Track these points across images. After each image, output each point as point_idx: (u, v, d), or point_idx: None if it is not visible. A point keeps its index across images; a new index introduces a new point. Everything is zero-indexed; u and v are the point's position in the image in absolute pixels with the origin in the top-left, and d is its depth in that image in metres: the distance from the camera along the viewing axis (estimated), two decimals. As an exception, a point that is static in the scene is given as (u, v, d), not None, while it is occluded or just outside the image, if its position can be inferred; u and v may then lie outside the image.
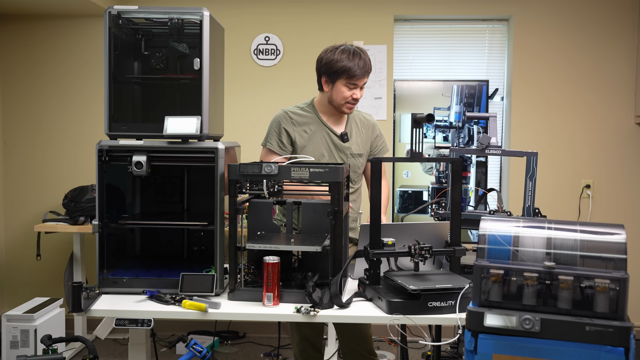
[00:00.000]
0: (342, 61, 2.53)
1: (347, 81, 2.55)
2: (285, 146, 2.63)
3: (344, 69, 2.53)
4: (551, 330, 1.51)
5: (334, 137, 2.67)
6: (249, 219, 2.19)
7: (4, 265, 4.31)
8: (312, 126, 2.66)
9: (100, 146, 2.13)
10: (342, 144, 2.67)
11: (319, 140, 2.65)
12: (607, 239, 1.60)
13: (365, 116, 2.80)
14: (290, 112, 2.67)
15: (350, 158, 2.69)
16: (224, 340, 4.11)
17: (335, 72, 2.55)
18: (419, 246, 2.01)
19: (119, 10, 2.18)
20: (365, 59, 2.57)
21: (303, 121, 2.66)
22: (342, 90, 2.57)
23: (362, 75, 2.56)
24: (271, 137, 2.65)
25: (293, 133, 2.63)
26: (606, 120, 4.16)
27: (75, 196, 3.78)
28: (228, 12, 4.14)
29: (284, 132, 2.63)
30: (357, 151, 2.70)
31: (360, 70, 2.54)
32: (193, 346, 2.20)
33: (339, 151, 2.67)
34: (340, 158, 2.67)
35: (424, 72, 4.33)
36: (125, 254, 2.40)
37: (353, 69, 2.53)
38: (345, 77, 2.55)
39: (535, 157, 2.37)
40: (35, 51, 4.23)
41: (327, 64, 2.57)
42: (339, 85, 2.57)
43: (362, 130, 2.74)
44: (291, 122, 2.64)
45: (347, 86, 2.57)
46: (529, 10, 4.14)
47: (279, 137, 2.63)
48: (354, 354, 2.68)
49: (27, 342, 3.14)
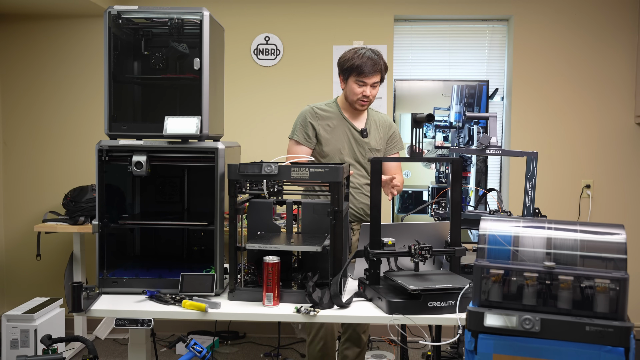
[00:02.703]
0: (353, 59, 2.75)
1: (356, 78, 2.75)
2: (310, 138, 2.83)
3: (353, 66, 2.74)
4: (551, 330, 1.51)
5: (355, 132, 2.86)
6: (249, 219, 2.19)
7: (4, 265, 4.31)
8: (335, 121, 2.86)
9: (100, 146, 2.13)
10: (361, 139, 2.86)
11: (340, 134, 2.85)
12: (607, 239, 1.60)
13: (383, 117, 3.00)
14: (316, 108, 2.88)
15: (369, 152, 2.87)
16: (224, 340, 4.10)
17: (346, 70, 2.78)
18: (419, 246, 2.01)
19: (119, 10, 2.18)
20: (375, 58, 2.74)
21: (327, 116, 2.86)
22: (353, 87, 2.78)
23: (371, 73, 2.73)
24: (297, 130, 2.86)
25: (317, 127, 2.83)
26: (606, 120, 4.16)
27: (75, 196, 3.78)
28: (228, 12, 4.14)
29: (310, 125, 2.83)
30: (375, 146, 2.89)
31: (368, 68, 2.72)
32: (193, 346, 2.20)
33: (359, 145, 2.86)
34: (359, 152, 2.86)
35: (424, 72, 4.33)
36: (125, 254, 2.40)
37: (361, 66, 2.72)
38: (354, 74, 2.75)
39: (535, 157, 2.37)
40: (35, 51, 4.22)
41: (341, 63, 2.81)
42: (350, 83, 2.78)
43: (380, 128, 2.93)
44: (316, 117, 2.85)
45: (357, 83, 2.76)
46: (529, 10, 4.14)
47: (304, 130, 2.84)
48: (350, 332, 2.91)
49: (27, 342, 3.13)
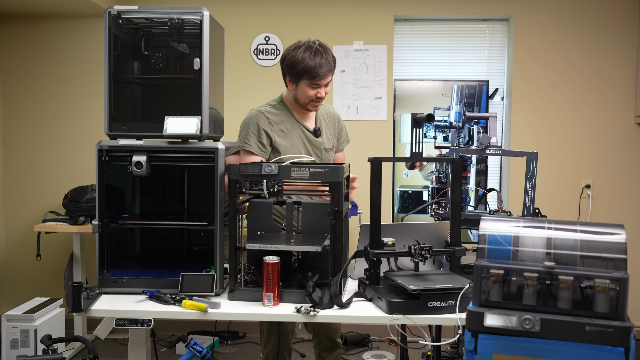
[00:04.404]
0: (304, 61, 2.48)
1: (309, 81, 2.51)
2: (265, 147, 2.56)
3: (306, 69, 2.48)
4: (551, 330, 1.51)
5: (308, 134, 2.66)
6: (249, 219, 2.19)
7: (4, 265, 4.31)
8: (288, 124, 2.62)
9: (100, 146, 2.13)
10: (316, 140, 2.67)
11: (295, 138, 2.63)
12: (607, 239, 1.60)
13: (329, 109, 2.79)
14: (266, 112, 2.59)
15: (324, 152, 2.70)
16: (224, 340, 4.10)
17: (297, 73, 2.51)
18: (419, 246, 2.01)
19: (119, 10, 2.18)
20: (327, 57, 2.52)
21: (279, 120, 2.60)
22: (305, 90, 2.54)
23: (325, 75, 2.51)
24: (249, 138, 2.55)
25: (272, 133, 2.57)
26: (606, 120, 4.16)
27: (75, 196, 3.78)
28: (228, 12, 4.14)
29: (263, 132, 2.55)
30: (328, 145, 2.72)
31: (322, 70, 2.49)
32: (193, 346, 2.20)
33: (314, 147, 2.67)
34: (315, 154, 2.67)
35: (424, 72, 4.33)
36: (125, 254, 2.40)
37: (315, 69, 2.48)
38: (307, 77, 2.50)
39: (535, 157, 2.37)
40: (35, 51, 4.22)
41: (290, 64, 2.53)
42: (302, 86, 2.54)
43: (330, 124, 2.76)
44: (268, 122, 2.57)
45: (311, 86, 2.53)
46: (529, 10, 4.14)
47: (258, 138, 2.55)
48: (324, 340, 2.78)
49: (27, 342, 3.13)
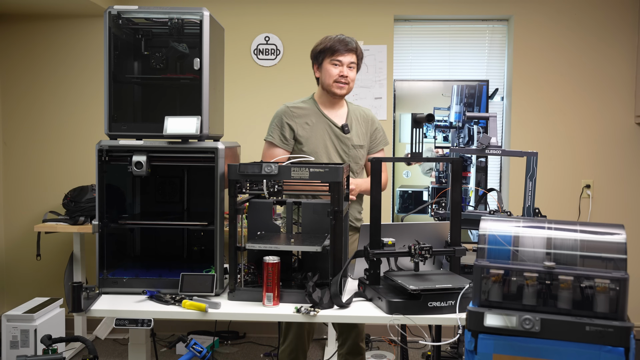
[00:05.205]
0: (325, 41, 2.69)
1: (330, 59, 2.67)
2: (287, 140, 2.70)
3: (326, 47, 2.67)
4: (551, 330, 1.51)
5: (335, 129, 2.73)
6: (249, 219, 2.19)
7: (4, 265, 4.31)
8: (313, 118, 2.72)
9: (100, 146, 2.13)
10: (343, 135, 2.73)
11: (321, 132, 2.71)
12: (607, 239, 1.60)
13: (364, 110, 2.86)
14: (291, 106, 2.75)
15: (352, 149, 2.75)
16: (224, 340, 4.10)
17: (319, 53, 2.71)
18: (419, 246, 2.01)
19: (119, 10, 2.18)
20: (349, 39, 2.68)
21: (304, 113, 2.73)
22: (328, 69, 2.68)
23: (344, 51, 2.66)
24: (273, 131, 2.72)
25: (295, 126, 2.70)
26: (606, 120, 4.16)
27: (75, 196, 3.78)
28: (228, 12, 4.14)
29: (286, 125, 2.69)
30: (357, 142, 2.77)
31: (341, 46, 2.65)
32: (193, 346, 2.20)
33: (341, 142, 2.73)
34: (342, 149, 2.74)
35: (424, 72, 4.33)
36: (125, 254, 2.40)
37: (334, 45, 2.65)
38: (328, 54, 2.67)
39: (535, 157, 2.37)
40: (35, 51, 4.22)
41: (314, 50, 2.74)
42: (325, 65, 2.69)
43: (362, 123, 2.81)
44: (292, 116, 2.71)
45: (333, 64, 2.67)
46: (529, 10, 4.14)
47: (280, 131, 2.70)
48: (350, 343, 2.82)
49: (27, 342, 3.13)
